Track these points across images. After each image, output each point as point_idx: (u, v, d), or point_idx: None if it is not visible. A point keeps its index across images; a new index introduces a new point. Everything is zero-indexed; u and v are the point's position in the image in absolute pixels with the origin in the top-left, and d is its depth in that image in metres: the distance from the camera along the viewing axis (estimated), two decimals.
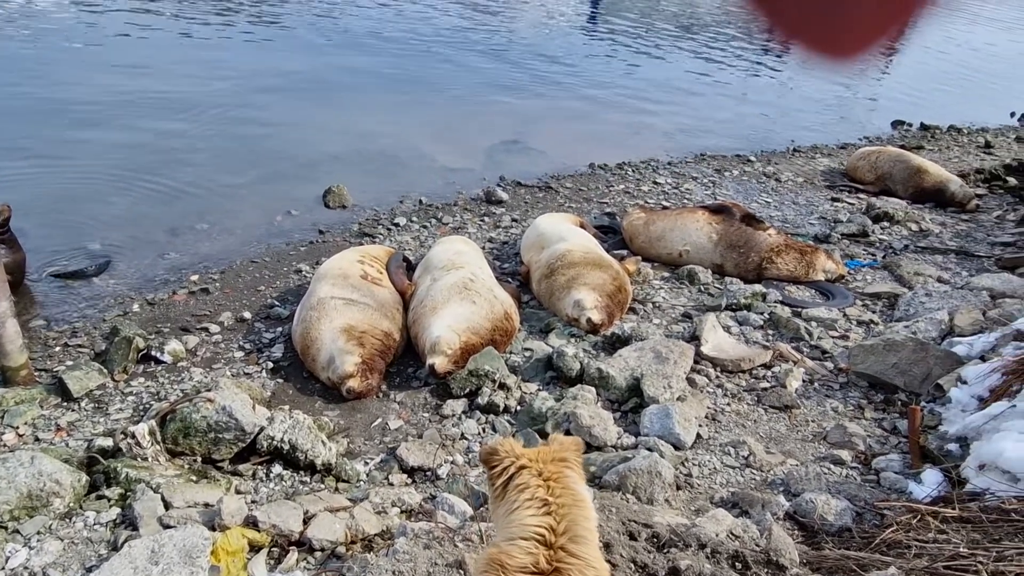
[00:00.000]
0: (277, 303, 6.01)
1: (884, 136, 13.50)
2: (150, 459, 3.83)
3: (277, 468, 4.04)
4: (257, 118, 9.87)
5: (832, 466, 4.17)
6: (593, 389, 4.73)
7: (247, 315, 5.79)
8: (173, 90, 10.22)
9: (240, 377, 4.95)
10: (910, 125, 14.23)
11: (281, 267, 6.67)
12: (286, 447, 4.01)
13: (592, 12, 22.96)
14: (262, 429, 4.05)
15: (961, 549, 2.69)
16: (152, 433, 3.90)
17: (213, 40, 12.83)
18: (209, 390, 4.23)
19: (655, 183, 9.52)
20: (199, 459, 4.00)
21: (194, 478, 3.79)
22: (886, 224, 8.53)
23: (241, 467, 4.03)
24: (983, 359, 4.76)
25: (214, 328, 5.56)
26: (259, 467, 4.05)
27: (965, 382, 4.50)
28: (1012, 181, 10.55)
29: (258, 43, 13.17)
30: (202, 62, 11.63)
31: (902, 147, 11.19)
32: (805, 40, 0.71)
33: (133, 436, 3.83)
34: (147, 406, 4.54)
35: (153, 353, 5.03)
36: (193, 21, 13.69)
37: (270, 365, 5.16)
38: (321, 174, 8.51)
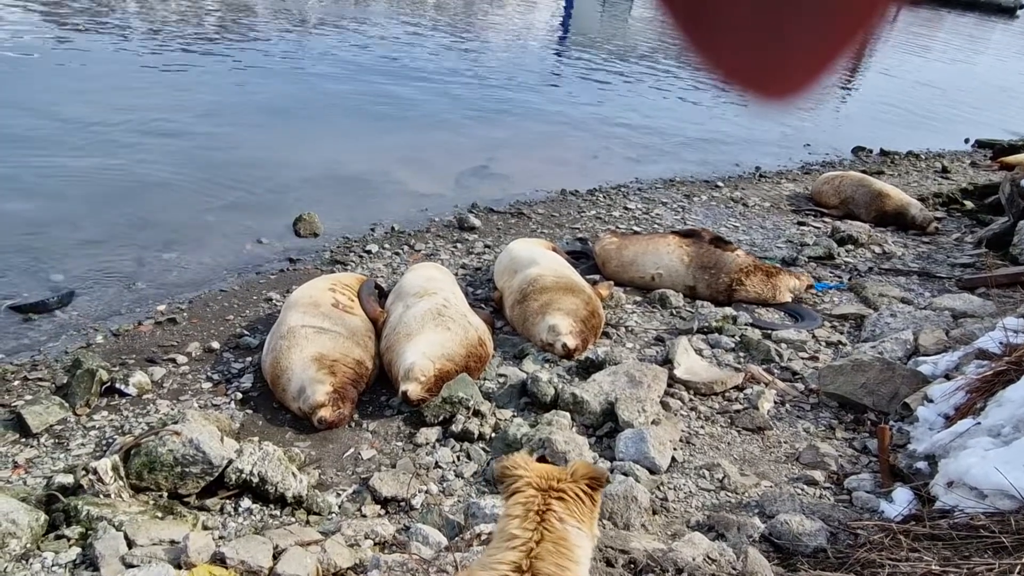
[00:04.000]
0: (246, 333, 5.92)
1: (846, 162, 13.85)
2: (113, 496, 3.72)
3: (246, 502, 3.94)
4: (226, 145, 9.81)
5: (805, 487, 4.20)
6: (568, 414, 4.71)
7: (215, 345, 5.69)
8: (139, 116, 10.12)
9: (208, 409, 4.85)
10: (870, 151, 14.63)
11: (251, 296, 6.58)
12: (255, 480, 3.92)
13: (561, 35, 23.37)
14: (230, 462, 3.96)
15: (933, 567, 2.72)
16: (115, 468, 3.79)
17: (180, 66, 12.76)
18: (175, 422, 4.13)
19: (626, 208, 9.63)
20: (165, 494, 3.88)
21: (159, 514, 3.68)
22: (851, 247, 8.71)
23: (209, 501, 3.93)
24: (948, 378, 4.85)
25: (181, 359, 5.45)
26: (227, 501, 3.95)
27: (931, 401, 4.58)
28: (969, 204, 10.89)
29: (226, 69, 13.13)
30: (169, 88, 11.55)
31: (864, 172, 11.49)
32: (742, 81, 0.72)
33: (95, 472, 3.71)
34: (110, 440, 4.42)
35: (117, 386, 4.90)
36: (158, 46, 13.62)
37: (239, 396, 5.06)
38: (291, 201, 8.45)
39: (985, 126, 17.76)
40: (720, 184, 11.16)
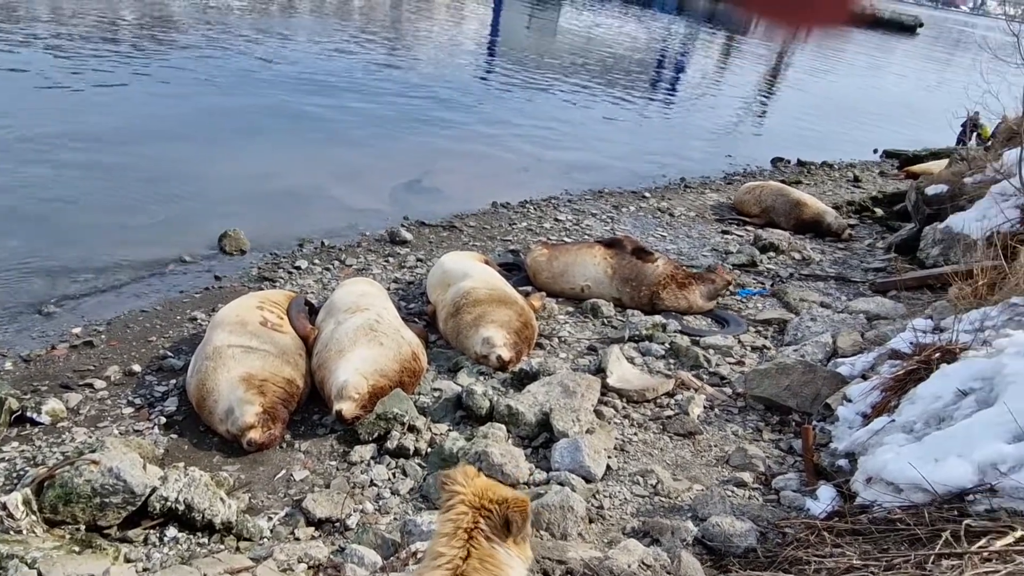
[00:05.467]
0: (170, 354, 5.69)
1: (765, 172, 14.42)
2: (25, 531, 3.50)
3: (172, 531, 3.78)
4: (144, 161, 9.44)
5: (736, 488, 4.32)
6: (503, 426, 4.72)
7: (136, 368, 5.45)
8: (54, 131, 9.63)
9: (129, 435, 4.63)
10: (788, 161, 15.29)
11: (174, 316, 6.34)
12: (181, 507, 3.77)
13: (490, 48, 23.53)
14: (154, 490, 3.79)
15: (855, 561, 2.84)
16: (27, 502, 3.57)
17: (98, 78, 12.23)
18: (93, 451, 3.92)
19: (556, 220, 9.75)
20: (83, 527, 3.68)
21: (77, 549, 3.49)
22: (772, 254, 9.06)
23: (131, 532, 3.75)
24: (864, 378, 5.09)
25: (99, 384, 5.20)
26: (151, 531, 3.78)
27: (850, 400, 4.80)
28: (879, 212, 11.51)
29: (145, 82, 12.66)
30: (86, 101, 11.05)
31: (782, 182, 12.00)
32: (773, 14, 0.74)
33: (4, 507, 3.49)
34: (22, 473, 4.16)
35: (29, 414, 4.63)
36: (70, 58, 13.03)
37: (163, 420, 4.86)
38: (216, 218, 8.20)
39: (891, 137, 18.83)
40: (647, 195, 11.44)
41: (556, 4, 40.14)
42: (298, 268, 7.48)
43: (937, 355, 4.55)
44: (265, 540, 3.86)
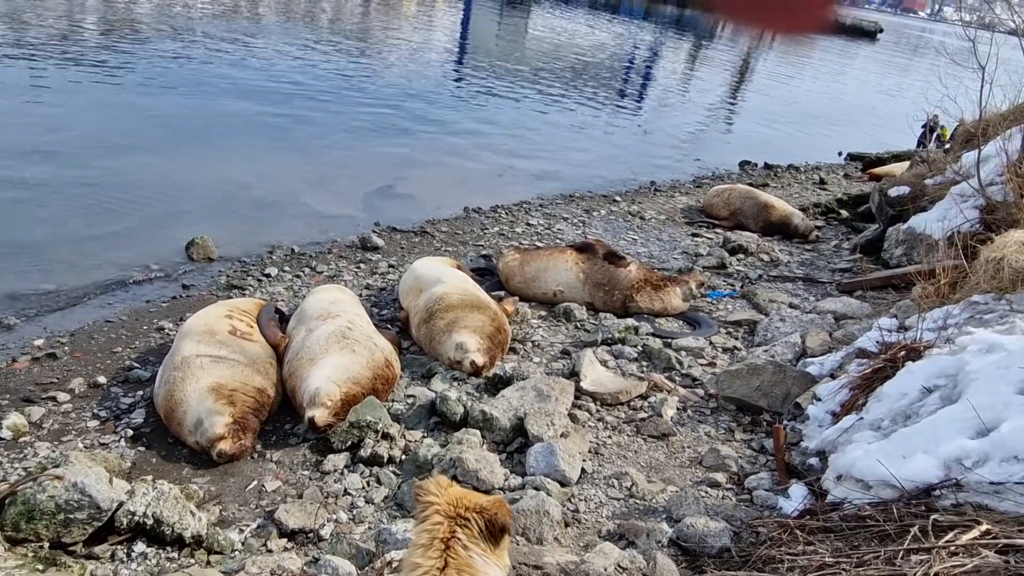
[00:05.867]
0: (137, 365, 5.58)
1: (734, 175, 14.62)
2: None
3: (140, 546, 3.70)
4: (111, 168, 9.25)
5: (709, 489, 4.35)
6: (478, 432, 4.70)
7: (102, 380, 5.33)
8: (13, 141, 9.40)
9: (95, 448, 4.52)
10: (756, 164, 15.51)
11: (140, 326, 6.22)
12: (150, 521, 3.68)
13: (460, 53, 23.53)
14: (121, 504, 3.70)
15: (827, 559, 2.88)
16: None
17: (59, 86, 11.97)
18: (57, 466, 3.82)
19: (528, 224, 9.76)
20: (46, 545, 3.58)
21: (40, 567, 3.39)
22: (742, 256, 9.18)
23: (97, 549, 3.65)
24: (833, 377, 5.18)
25: (63, 396, 5.07)
26: (118, 547, 3.69)
27: (819, 399, 4.87)
28: (844, 213, 11.72)
29: (108, 87, 12.42)
30: (47, 110, 10.80)
31: (750, 185, 12.17)
32: (751, 18, 0.79)
33: None
34: None
35: None
36: (29, 62, 12.74)
37: (130, 433, 4.75)
38: (183, 225, 8.07)
39: (855, 140, 19.23)
40: (618, 198, 11.51)
41: (525, 9, 40.32)
42: (268, 276, 7.39)
43: (902, 353, 4.64)
44: (237, 553, 3.80)
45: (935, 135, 13.44)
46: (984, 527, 2.79)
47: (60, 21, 16.40)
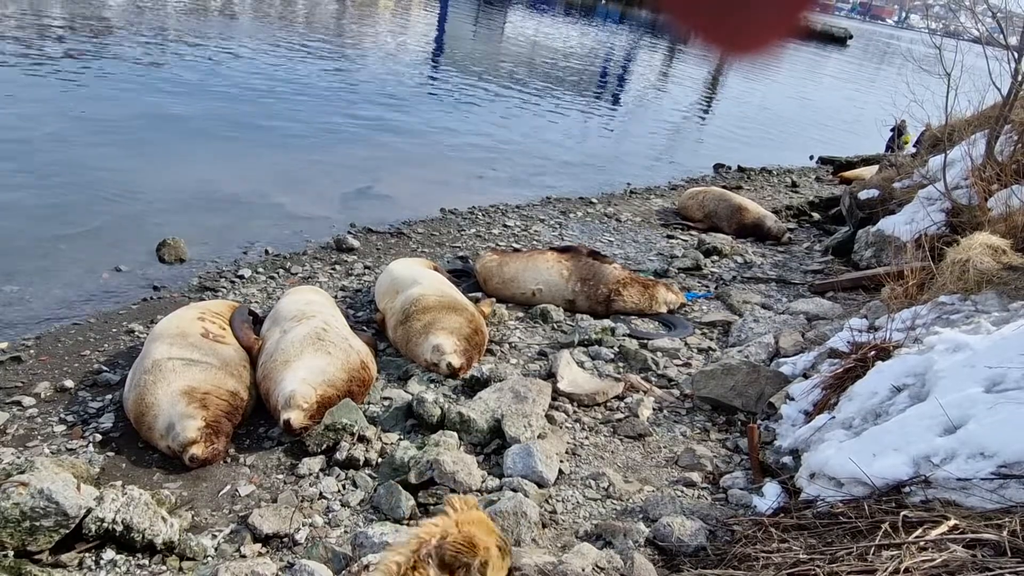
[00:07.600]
0: (105, 368, 5.47)
1: (708, 177, 14.76)
2: None
3: (109, 553, 3.62)
4: (79, 167, 9.07)
5: (685, 488, 4.39)
6: (455, 434, 4.69)
7: (69, 384, 5.21)
8: None
9: (62, 454, 4.42)
10: (729, 167, 15.69)
11: (109, 328, 6.10)
12: (119, 528, 3.61)
13: (436, 54, 23.47)
14: (89, 511, 3.63)
15: (801, 555, 2.91)
16: None
17: (27, 82, 11.71)
18: (22, 472, 3.73)
19: (505, 226, 9.76)
20: (11, 553, 3.49)
21: None
22: (716, 258, 9.27)
23: (65, 557, 3.57)
24: (806, 376, 5.25)
25: (28, 401, 4.95)
26: (87, 555, 3.61)
27: (792, 399, 4.93)
28: (816, 216, 11.91)
29: (78, 86, 12.18)
30: (13, 108, 10.56)
31: (724, 187, 12.30)
32: (714, 39, 0.80)
33: None
34: None
35: None
36: (1, 63, 12.46)
37: (98, 438, 4.65)
38: (154, 226, 7.93)
39: (826, 144, 19.54)
40: (594, 200, 11.57)
41: (501, 11, 40.36)
42: (241, 277, 7.29)
43: (872, 353, 4.72)
44: (210, 559, 3.74)
45: (898, 137, 13.70)
46: (952, 522, 2.84)
47: (24, 18, 16.05)
